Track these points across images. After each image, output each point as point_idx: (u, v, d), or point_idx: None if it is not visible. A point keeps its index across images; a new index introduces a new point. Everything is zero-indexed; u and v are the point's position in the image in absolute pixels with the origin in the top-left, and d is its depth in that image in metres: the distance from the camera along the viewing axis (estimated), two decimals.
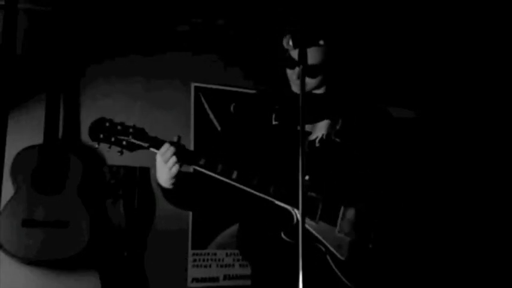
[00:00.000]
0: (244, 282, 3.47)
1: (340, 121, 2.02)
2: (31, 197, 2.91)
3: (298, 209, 1.55)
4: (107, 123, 1.84)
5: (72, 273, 3.10)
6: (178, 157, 1.80)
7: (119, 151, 1.86)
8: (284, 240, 1.85)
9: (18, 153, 2.97)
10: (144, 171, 3.36)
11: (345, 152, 1.98)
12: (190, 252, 3.47)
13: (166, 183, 1.87)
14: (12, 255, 2.86)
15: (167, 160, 1.80)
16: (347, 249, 1.89)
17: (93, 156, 3.21)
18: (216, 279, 3.51)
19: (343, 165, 1.97)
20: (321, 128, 2.01)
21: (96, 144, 1.84)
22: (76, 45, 3.34)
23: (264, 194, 1.86)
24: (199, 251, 3.49)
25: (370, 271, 1.90)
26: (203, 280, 3.47)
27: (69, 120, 3.26)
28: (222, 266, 3.53)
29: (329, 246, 1.88)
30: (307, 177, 1.84)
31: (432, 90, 4.23)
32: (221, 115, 3.65)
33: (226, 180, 1.85)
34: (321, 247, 1.88)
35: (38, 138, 3.01)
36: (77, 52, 3.35)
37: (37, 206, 2.91)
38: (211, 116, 3.66)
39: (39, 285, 3.04)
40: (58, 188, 2.97)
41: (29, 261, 2.92)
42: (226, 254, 3.55)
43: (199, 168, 1.86)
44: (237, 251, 3.42)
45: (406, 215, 2.04)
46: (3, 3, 2.75)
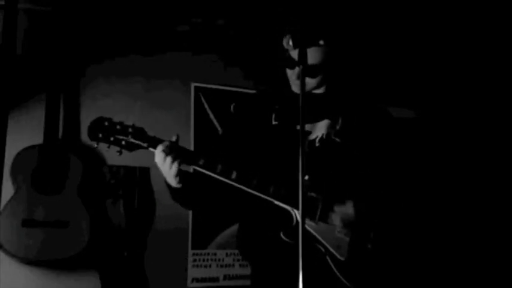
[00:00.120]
0: (244, 282, 3.47)
1: (340, 121, 2.02)
2: (31, 197, 2.91)
3: (297, 209, 1.55)
4: (106, 123, 1.83)
5: (72, 273, 3.10)
6: (174, 156, 1.80)
7: (118, 151, 1.85)
8: (284, 240, 1.84)
9: (18, 153, 2.97)
10: (144, 171, 3.36)
11: (345, 151, 1.98)
12: (190, 252, 3.46)
13: (173, 182, 1.87)
14: (12, 255, 2.86)
15: (163, 160, 1.80)
16: (346, 250, 1.88)
17: (93, 156, 3.20)
18: (216, 279, 3.50)
19: (343, 165, 1.97)
20: (321, 127, 2.01)
21: (95, 144, 1.84)
22: (76, 45, 3.34)
23: (263, 194, 1.86)
24: (199, 251, 3.48)
25: (370, 271, 1.90)
26: (203, 280, 3.47)
27: (69, 120, 3.26)
28: (222, 266, 3.53)
29: (328, 246, 1.88)
30: (306, 177, 1.84)
31: (432, 90, 4.23)
32: (221, 115, 3.64)
33: (225, 181, 1.85)
34: (320, 247, 1.88)
35: (38, 138, 3.01)
36: (77, 52, 3.35)
37: (37, 206, 2.91)
38: (211, 116, 3.66)
39: (39, 285, 3.04)
40: (58, 188, 2.97)
41: (29, 261, 2.91)
42: (226, 254, 3.55)
43: (199, 168, 1.85)
44: (237, 251, 3.41)
45: (406, 215, 2.03)
46: (3, 3, 2.76)
